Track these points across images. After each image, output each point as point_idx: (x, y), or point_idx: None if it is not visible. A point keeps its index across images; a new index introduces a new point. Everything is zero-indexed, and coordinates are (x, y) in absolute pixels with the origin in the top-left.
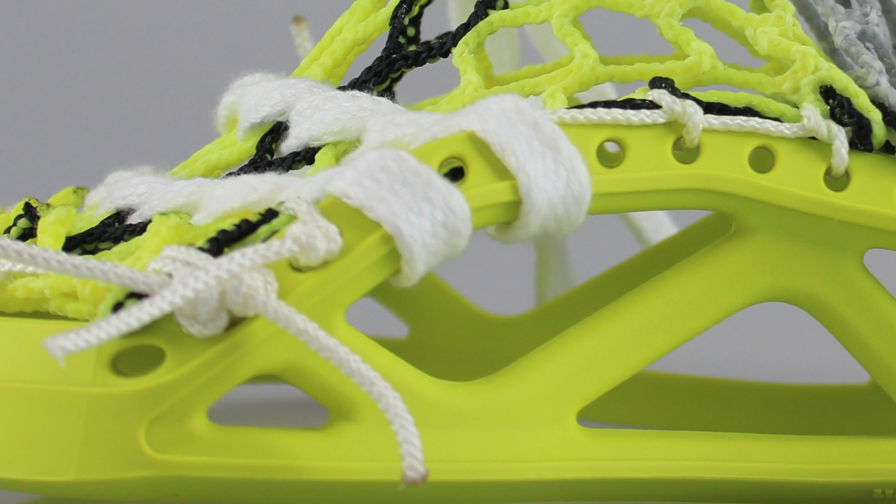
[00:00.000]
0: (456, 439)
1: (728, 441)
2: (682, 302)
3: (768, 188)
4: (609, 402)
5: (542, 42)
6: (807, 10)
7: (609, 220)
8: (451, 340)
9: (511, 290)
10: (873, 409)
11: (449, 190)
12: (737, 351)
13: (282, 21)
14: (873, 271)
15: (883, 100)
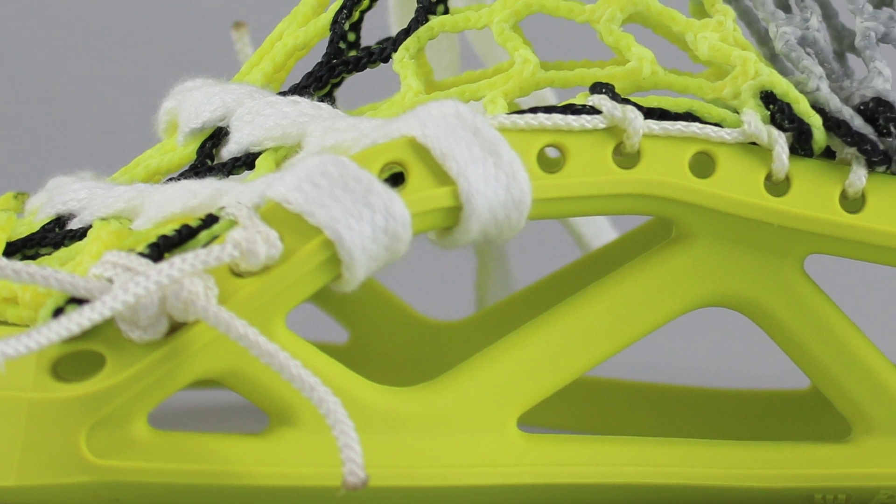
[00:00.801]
0: (396, 444)
1: (668, 446)
2: (623, 307)
3: (708, 193)
4: (549, 408)
5: (483, 47)
6: (747, 16)
7: (549, 225)
8: (391, 346)
9: (451, 296)
10: (814, 415)
11: (389, 195)
12: (677, 356)
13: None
14: (814, 276)
15: (823, 105)
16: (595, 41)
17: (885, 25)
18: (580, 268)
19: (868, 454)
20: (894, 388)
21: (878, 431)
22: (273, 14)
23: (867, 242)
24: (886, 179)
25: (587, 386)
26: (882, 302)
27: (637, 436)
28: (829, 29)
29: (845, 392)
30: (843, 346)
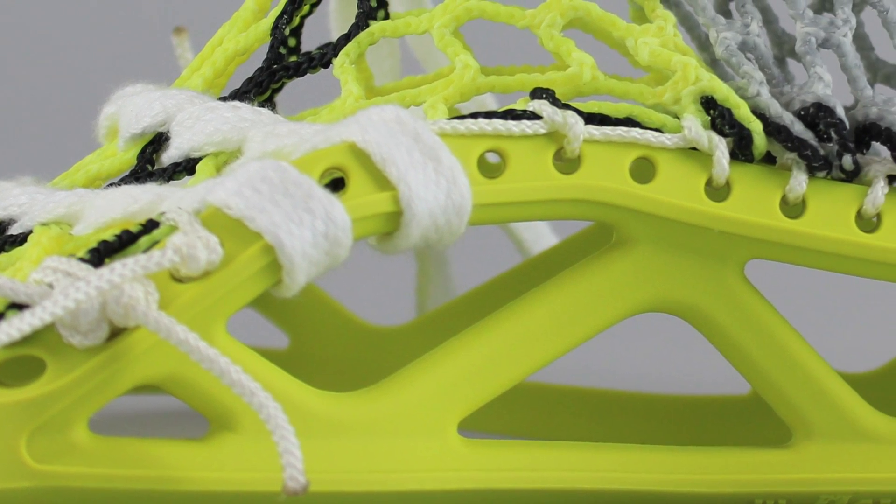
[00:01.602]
0: (337, 450)
1: (609, 451)
2: (563, 312)
3: (649, 199)
4: (490, 413)
5: (423, 53)
6: (688, 21)
7: (490, 230)
8: (331, 351)
9: (392, 301)
10: (754, 420)
11: (330, 200)
12: (618, 361)
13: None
14: (754, 281)
15: (764, 110)
16: (536, 46)
17: (826, 31)
18: (521, 273)
19: (808, 459)
20: (835, 394)
21: (819, 437)
22: (214, 19)
23: (807, 247)
24: (827, 184)
25: (528, 391)
26: (822, 307)
27: (578, 441)
28: (769, 34)
29: (786, 397)
30: (783, 351)
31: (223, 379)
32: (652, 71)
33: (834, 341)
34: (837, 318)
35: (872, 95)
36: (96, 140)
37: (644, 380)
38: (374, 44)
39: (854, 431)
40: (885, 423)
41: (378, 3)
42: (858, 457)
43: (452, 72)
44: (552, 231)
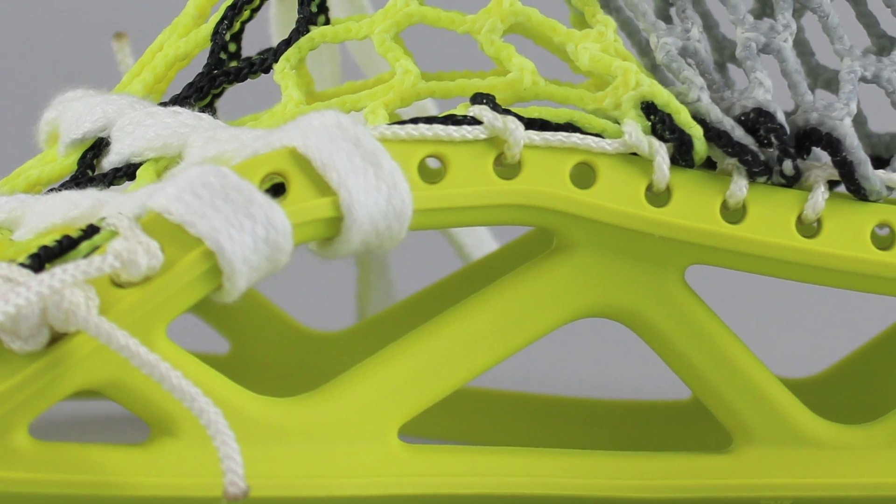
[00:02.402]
0: (278, 455)
1: (550, 457)
2: (504, 318)
3: (589, 204)
4: (431, 418)
5: (364, 58)
6: (628, 26)
7: (430, 235)
8: (272, 356)
9: (332, 306)
10: (695, 425)
11: (270, 206)
12: (558, 366)
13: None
14: (695, 287)
15: (704, 116)
16: (476, 52)
17: (766, 36)
18: (461, 278)
19: (749, 464)
20: (775, 399)
21: (759, 442)
22: (154, 25)
23: (748, 253)
24: (767, 190)
25: (469, 396)
26: (763, 312)
27: (519, 446)
28: (710, 39)
29: (726, 402)
30: (723, 356)
31: (163, 384)
32: (592, 76)
33: (774, 346)
34: (778, 324)
35: (813, 101)
36: (37, 145)
37: (585, 385)
38: (314, 49)
39: (794, 437)
40: (826, 428)
41: (318, 9)
42: (799, 462)
43: (393, 77)
44: (493, 236)
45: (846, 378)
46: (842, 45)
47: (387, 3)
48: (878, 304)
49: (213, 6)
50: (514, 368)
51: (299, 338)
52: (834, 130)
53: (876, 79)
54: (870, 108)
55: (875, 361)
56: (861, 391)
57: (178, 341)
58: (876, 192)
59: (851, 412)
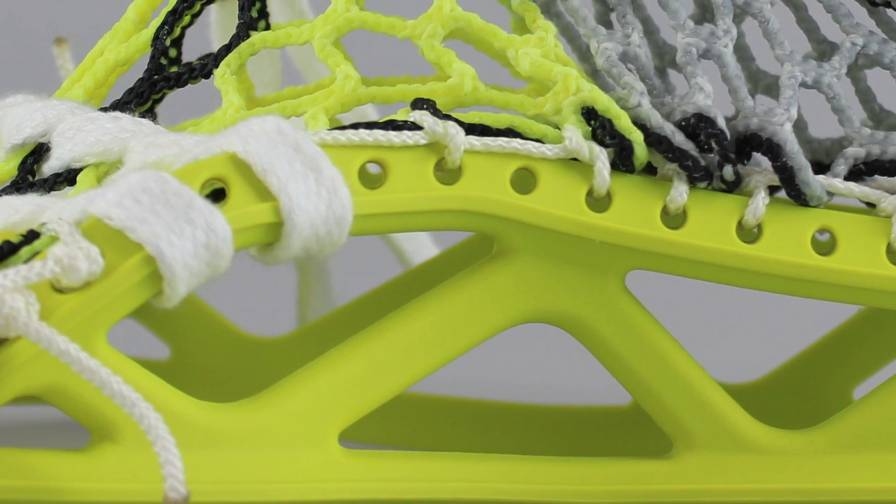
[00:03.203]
0: (218, 460)
1: (490, 462)
2: (444, 323)
3: (530, 209)
4: (371, 424)
5: (304, 63)
6: (568, 32)
7: (371, 241)
8: (212, 361)
9: (273, 311)
10: (635, 430)
11: (210, 211)
12: (499, 372)
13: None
14: (635, 292)
15: (644, 121)
16: (417, 57)
17: (707, 41)
18: (402, 284)
19: (689, 470)
20: (715, 404)
21: (699, 447)
22: (94, 30)
23: (688, 258)
24: (707, 195)
25: (409, 402)
26: (703, 317)
27: (459, 452)
28: (650, 45)
29: (666, 408)
30: (664, 361)
31: (104, 390)
32: (533, 81)
33: (715, 352)
34: (718, 329)
35: (753, 106)
36: None
37: (525, 390)
38: (254, 54)
39: (735, 442)
40: (766, 433)
41: (259, 14)
42: (739, 467)
43: (333, 82)
44: (433, 242)
45: (787, 383)
46: (782, 51)
47: (327, 8)
48: (818, 310)
49: (154, 11)
50: (455, 373)
51: (240, 343)
52: (774, 136)
53: (816, 84)
54: (810, 113)
55: (815, 367)
56: (801, 396)
57: (118, 346)
58: (816, 198)
59: (792, 417)
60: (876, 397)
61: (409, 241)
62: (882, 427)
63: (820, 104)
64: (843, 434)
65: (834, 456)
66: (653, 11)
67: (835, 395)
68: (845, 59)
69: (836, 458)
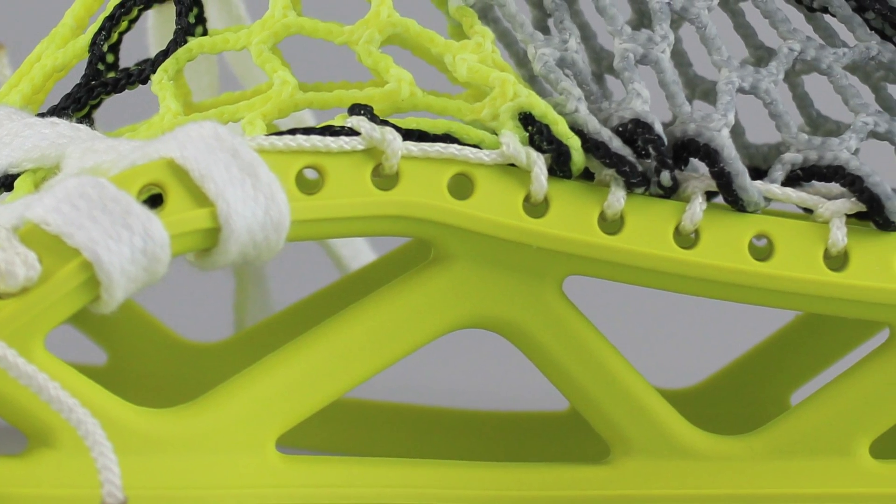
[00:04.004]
0: (156, 466)
1: (427, 468)
2: (382, 328)
3: (467, 215)
4: (309, 429)
5: (242, 69)
6: (506, 37)
7: (308, 246)
8: (150, 367)
9: (210, 317)
10: (572, 436)
11: (148, 216)
12: (436, 377)
13: None
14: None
15: (582, 126)
16: (355, 63)
17: (644, 47)
18: (339, 289)
19: (626, 475)
20: (653, 410)
21: (637, 453)
22: (32, 35)
23: (626, 264)
24: (645, 201)
25: (346, 407)
26: (641, 323)
27: (396, 457)
28: (587, 50)
29: (604, 413)
30: (601, 367)
31: (41, 395)
32: (470, 87)
33: (652, 357)
34: (656, 335)
35: (691, 111)
36: None
37: (463, 396)
38: (192, 60)
39: (672, 447)
40: (704, 439)
41: (196, 20)
42: (677, 473)
43: (270, 88)
44: (370, 247)
45: (724, 389)
46: (719, 56)
47: (265, 14)
48: (755, 315)
49: (91, 17)
50: (392, 379)
51: (177, 349)
52: (711, 141)
53: (754, 89)
54: (747, 118)
55: (753, 372)
56: (739, 402)
57: (55, 352)
58: (754, 203)
59: (729, 423)
60: (813, 403)
61: (347, 247)
62: (819, 432)
63: (757, 110)
64: (780, 439)
65: (771, 461)
66: (590, 17)
67: (772, 400)
68: (782, 64)
69: (774, 463)
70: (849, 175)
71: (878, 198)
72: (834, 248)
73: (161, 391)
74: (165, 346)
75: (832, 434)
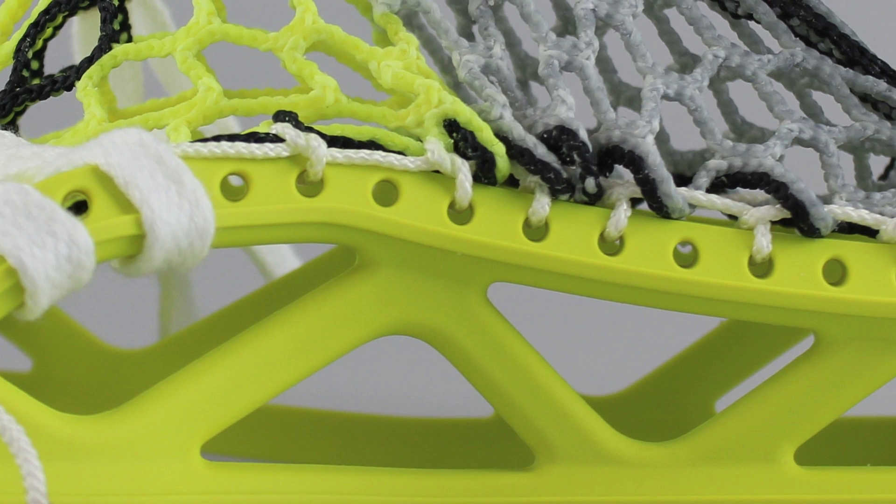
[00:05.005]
0: (80, 473)
1: (352, 474)
2: (306, 335)
3: (391, 221)
4: (233, 436)
5: (167, 76)
6: (431, 44)
7: (233, 253)
8: (75, 374)
9: (135, 324)
10: (497, 443)
11: (72, 223)
12: (361, 384)
13: None
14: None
15: (507, 133)
16: (280, 69)
17: (569, 53)
18: (264, 296)
19: (551, 482)
20: (577, 416)
21: (561, 459)
22: None
23: (550, 270)
24: (570, 207)
25: (271, 414)
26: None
27: (321, 464)
28: (512, 57)
29: (528, 420)
30: (525, 374)
31: None
32: (395, 94)
33: (577, 364)
34: (581, 341)
35: (615, 118)
36: None
37: (387, 402)
38: (117, 66)
39: (597, 454)
40: (628, 445)
41: (121, 26)
42: (601, 480)
43: (195, 94)
44: (295, 254)
45: (649, 395)
46: (644, 63)
47: (189, 20)
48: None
49: (16, 24)
50: (317, 386)
51: (102, 355)
52: (636, 148)
53: (678, 96)
54: (672, 125)
55: (677, 379)
56: (664, 408)
57: None
58: (678, 210)
59: (654, 429)
60: (738, 409)
61: (271, 254)
62: (743, 439)
63: (682, 116)
64: (704, 446)
65: (695, 468)
66: (515, 24)
67: (697, 407)
68: (707, 71)
69: (698, 470)
70: (773, 182)
71: (802, 204)
72: (759, 254)
73: (86, 398)
74: (90, 353)
75: (757, 441)
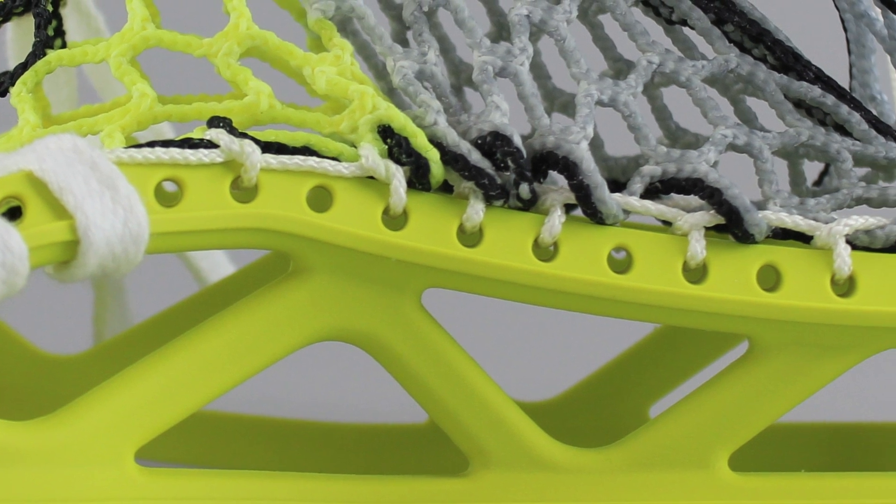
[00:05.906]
0: (13, 479)
1: (285, 480)
2: (240, 341)
3: (325, 227)
4: (167, 441)
5: (101, 81)
6: (365, 50)
7: (167, 259)
8: (7, 379)
9: (69, 329)
10: (431, 448)
11: (6, 229)
12: (295, 390)
13: None
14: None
15: (441, 139)
16: (214, 75)
17: (503, 59)
18: (198, 302)
19: (485, 488)
20: (512, 422)
21: (495, 465)
22: None
23: (485, 276)
24: (504, 213)
25: (206, 420)
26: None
27: (255, 470)
28: (447, 63)
29: (462, 426)
30: (460, 379)
31: None
32: (329, 100)
33: (511, 370)
34: (514, 347)
35: (550, 124)
36: None
37: (321, 408)
38: (51, 72)
39: (531, 460)
40: (562, 451)
41: (55, 32)
42: (535, 485)
43: (129, 100)
44: (229, 260)
45: (583, 401)
46: (578, 69)
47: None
48: (614, 328)
49: None
50: (251, 391)
51: (35, 361)
52: (570, 154)
53: (612, 102)
54: (606, 131)
55: (612, 384)
56: (598, 414)
57: None
58: (612, 216)
59: (588, 435)
60: (672, 415)
61: (206, 259)
62: (678, 445)
63: (616, 122)
64: (639, 452)
65: (630, 474)
66: (449, 30)
67: (631, 412)
68: (641, 77)
69: (632, 476)
70: (707, 187)
71: (736, 210)
72: (693, 260)
73: (19, 403)
74: (24, 359)
75: (691, 447)
